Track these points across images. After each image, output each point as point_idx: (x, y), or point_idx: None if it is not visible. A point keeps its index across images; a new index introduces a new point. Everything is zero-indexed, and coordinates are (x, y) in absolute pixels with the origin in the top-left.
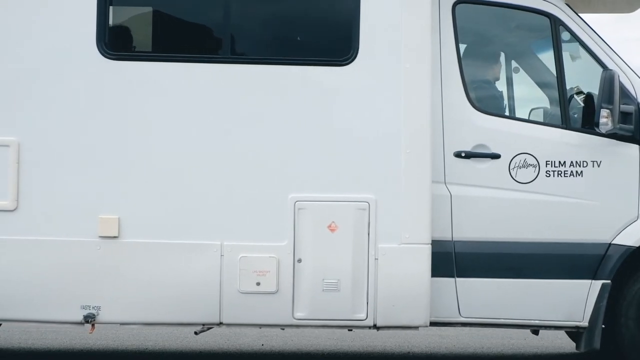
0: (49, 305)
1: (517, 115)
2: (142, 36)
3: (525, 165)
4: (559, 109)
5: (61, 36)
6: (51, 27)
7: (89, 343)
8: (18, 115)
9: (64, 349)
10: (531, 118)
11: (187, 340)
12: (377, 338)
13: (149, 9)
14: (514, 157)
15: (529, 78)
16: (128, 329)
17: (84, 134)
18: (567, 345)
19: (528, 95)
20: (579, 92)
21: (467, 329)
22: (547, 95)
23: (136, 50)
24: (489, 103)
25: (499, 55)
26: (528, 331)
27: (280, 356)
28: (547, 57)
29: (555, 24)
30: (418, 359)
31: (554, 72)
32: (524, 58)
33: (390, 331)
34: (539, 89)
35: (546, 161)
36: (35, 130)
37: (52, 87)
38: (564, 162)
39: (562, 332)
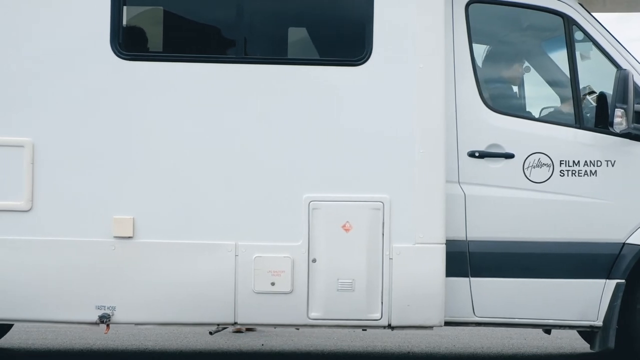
0: (64, 305)
1: (531, 114)
2: (156, 36)
3: (540, 164)
4: (572, 108)
5: (75, 36)
6: (66, 27)
7: (88, 343)
8: (32, 116)
9: (63, 349)
10: (544, 117)
11: (187, 340)
12: (377, 338)
13: (163, 9)
14: (528, 156)
15: (542, 78)
16: (128, 328)
17: (98, 134)
18: (567, 345)
19: (541, 94)
20: (591, 92)
21: (467, 328)
22: (560, 94)
23: (150, 50)
24: (502, 102)
25: (512, 55)
26: (528, 331)
27: (280, 356)
28: (560, 57)
29: (569, 23)
30: (418, 359)
31: (567, 72)
32: (537, 57)
33: (396, 331)
34: (552, 88)
35: (560, 161)
36: (49, 131)
37: (66, 87)
38: (578, 161)
39: (562, 332)
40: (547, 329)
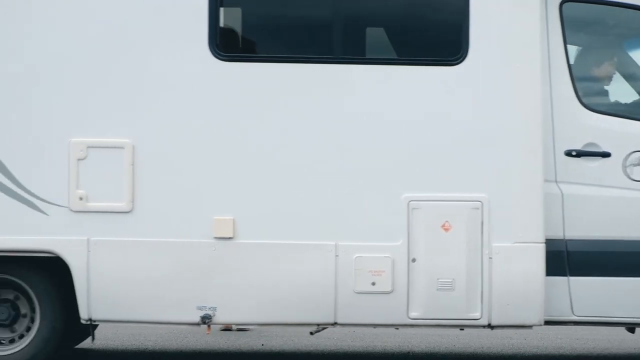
0: (165, 306)
1: (625, 113)
2: (253, 37)
3: None
4: None
5: (174, 38)
6: (164, 29)
7: (88, 343)
8: (131, 117)
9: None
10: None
11: (187, 340)
12: (377, 338)
13: (259, 9)
14: (629, 155)
15: (634, 76)
16: (128, 328)
17: (197, 135)
18: (567, 345)
19: (632, 92)
20: None
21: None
22: None
23: (247, 51)
24: (597, 101)
25: (605, 53)
26: (528, 331)
27: (280, 356)
28: None
29: None
30: (418, 358)
31: None
32: (628, 56)
33: (397, 331)
34: None
35: None
36: (149, 132)
37: (165, 88)
38: None
39: (562, 332)
40: (630, 327)
